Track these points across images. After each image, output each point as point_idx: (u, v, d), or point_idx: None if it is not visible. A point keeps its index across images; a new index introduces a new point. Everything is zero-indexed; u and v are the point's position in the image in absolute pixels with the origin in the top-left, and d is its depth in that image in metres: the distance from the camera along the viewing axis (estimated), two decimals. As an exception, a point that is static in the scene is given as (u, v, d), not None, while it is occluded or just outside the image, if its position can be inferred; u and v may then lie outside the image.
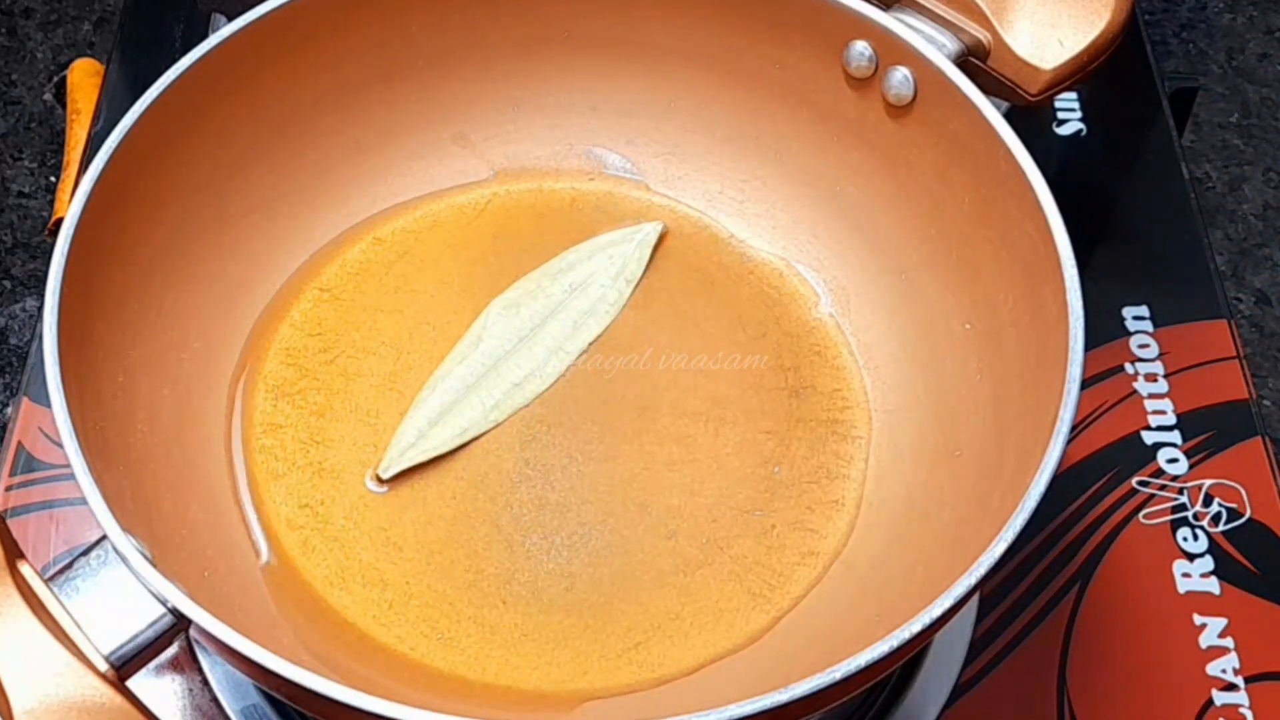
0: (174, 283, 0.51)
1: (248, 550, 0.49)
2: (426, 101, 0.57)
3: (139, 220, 0.49)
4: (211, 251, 0.53)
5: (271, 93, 0.53)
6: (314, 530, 0.50)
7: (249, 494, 0.51)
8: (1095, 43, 0.53)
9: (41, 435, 0.57)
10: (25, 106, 0.69)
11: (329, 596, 0.48)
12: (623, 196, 0.58)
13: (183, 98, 0.49)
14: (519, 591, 0.49)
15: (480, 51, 0.57)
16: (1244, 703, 0.51)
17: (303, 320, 0.55)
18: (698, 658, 0.47)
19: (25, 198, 0.66)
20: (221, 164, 0.53)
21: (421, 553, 0.49)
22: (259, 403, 0.53)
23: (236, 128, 0.53)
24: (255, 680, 0.41)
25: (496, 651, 0.47)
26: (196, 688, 0.52)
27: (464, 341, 0.54)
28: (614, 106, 0.58)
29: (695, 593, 0.49)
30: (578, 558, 0.49)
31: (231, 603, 0.45)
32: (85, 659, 0.39)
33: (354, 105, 0.56)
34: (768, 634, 0.48)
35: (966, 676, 0.52)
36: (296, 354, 0.54)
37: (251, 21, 0.51)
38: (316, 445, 0.52)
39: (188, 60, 0.50)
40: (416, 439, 0.51)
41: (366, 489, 0.51)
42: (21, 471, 0.56)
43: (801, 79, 0.54)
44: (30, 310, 0.62)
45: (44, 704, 0.38)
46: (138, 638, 0.40)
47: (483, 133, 0.58)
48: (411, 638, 0.48)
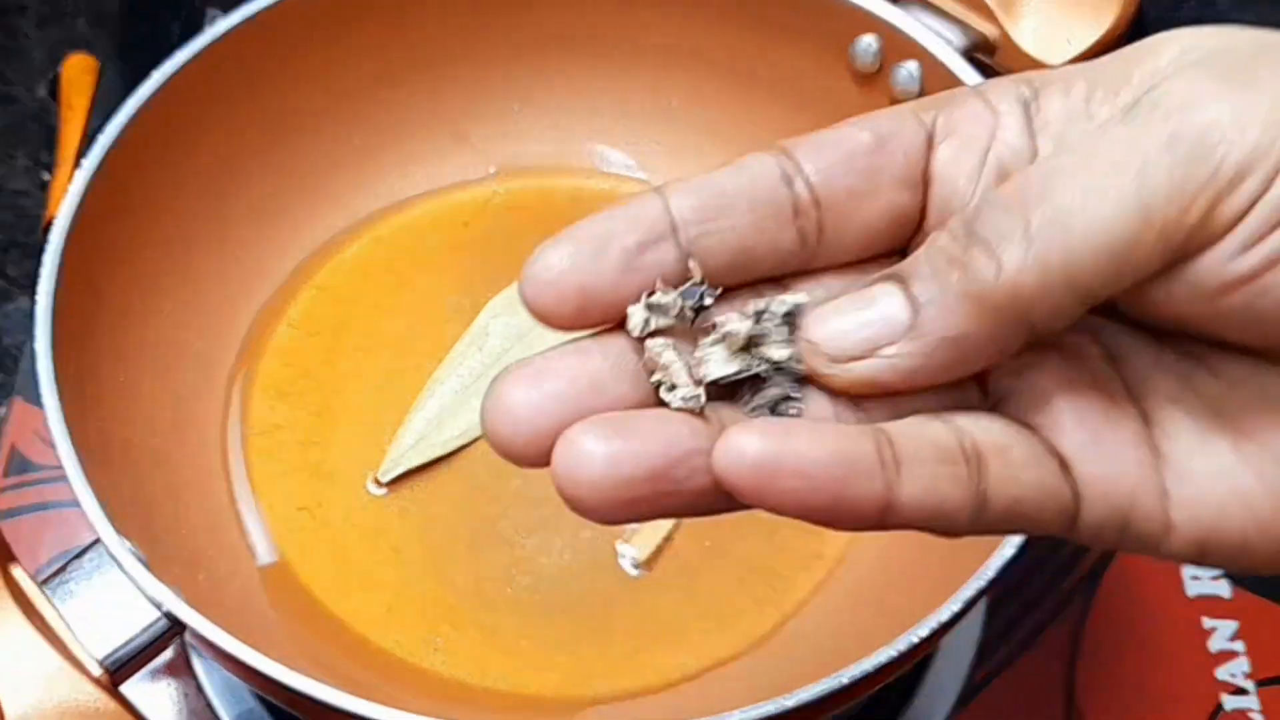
0: (170, 281, 0.51)
1: (244, 553, 0.49)
2: (427, 99, 0.56)
3: (135, 218, 0.49)
4: (208, 250, 0.52)
5: (269, 89, 0.53)
6: (312, 533, 0.49)
7: (246, 496, 0.50)
8: (1102, 39, 0.52)
9: (35, 436, 0.56)
10: (20, 103, 0.69)
11: (327, 600, 0.48)
12: (624, 195, 0.58)
13: (179, 94, 0.49)
14: (520, 595, 0.48)
15: (481, 50, 0.56)
16: (1254, 707, 0.51)
17: (301, 319, 0.54)
18: (701, 662, 0.47)
19: (19, 195, 0.66)
20: (219, 161, 0.52)
21: (421, 556, 0.49)
22: (256, 403, 0.52)
23: (234, 124, 0.52)
24: (251, 685, 0.41)
25: (497, 656, 0.47)
26: (191, 693, 0.51)
27: (464, 341, 0.53)
28: (615, 105, 0.58)
29: (699, 596, 0.48)
30: (579, 561, 0.49)
31: (227, 606, 0.45)
32: (78, 663, 0.39)
33: (354, 102, 0.55)
34: (772, 638, 0.47)
35: (975, 680, 0.51)
36: (295, 354, 0.53)
37: (248, 17, 0.50)
38: (315, 446, 0.51)
39: (183, 56, 0.49)
40: (416, 441, 0.51)
41: (365, 491, 0.50)
42: (14, 473, 0.56)
43: (805, 76, 0.54)
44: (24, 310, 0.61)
45: (36, 709, 0.38)
46: (132, 642, 0.40)
47: (483, 131, 0.57)
48: (411, 642, 0.47)
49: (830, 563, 0.49)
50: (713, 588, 0.48)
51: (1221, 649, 0.52)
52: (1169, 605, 0.53)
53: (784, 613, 0.48)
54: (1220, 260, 0.21)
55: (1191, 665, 0.52)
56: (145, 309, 0.49)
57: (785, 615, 0.48)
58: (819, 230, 0.23)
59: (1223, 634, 0.52)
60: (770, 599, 0.48)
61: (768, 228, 0.23)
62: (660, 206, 0.22)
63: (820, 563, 0.49)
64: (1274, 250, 0.20)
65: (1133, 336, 0.23)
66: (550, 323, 0.22)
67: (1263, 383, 0.22)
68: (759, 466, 0.21)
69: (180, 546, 0.46)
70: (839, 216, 0.23)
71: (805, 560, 0.49)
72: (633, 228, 0.22)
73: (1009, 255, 0.20)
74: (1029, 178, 0.21)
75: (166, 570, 0.40)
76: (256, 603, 0.48)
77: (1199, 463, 0.22)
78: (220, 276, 0.53)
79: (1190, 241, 0.21)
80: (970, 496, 0.22)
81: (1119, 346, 0.23)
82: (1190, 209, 0.20)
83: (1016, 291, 0.21)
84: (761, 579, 0.48)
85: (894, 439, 0.21)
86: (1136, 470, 0.22)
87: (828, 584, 0.49)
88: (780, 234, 0.23)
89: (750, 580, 0.48)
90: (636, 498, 0.21)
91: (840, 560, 0.49)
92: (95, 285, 0.47)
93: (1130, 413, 0.23)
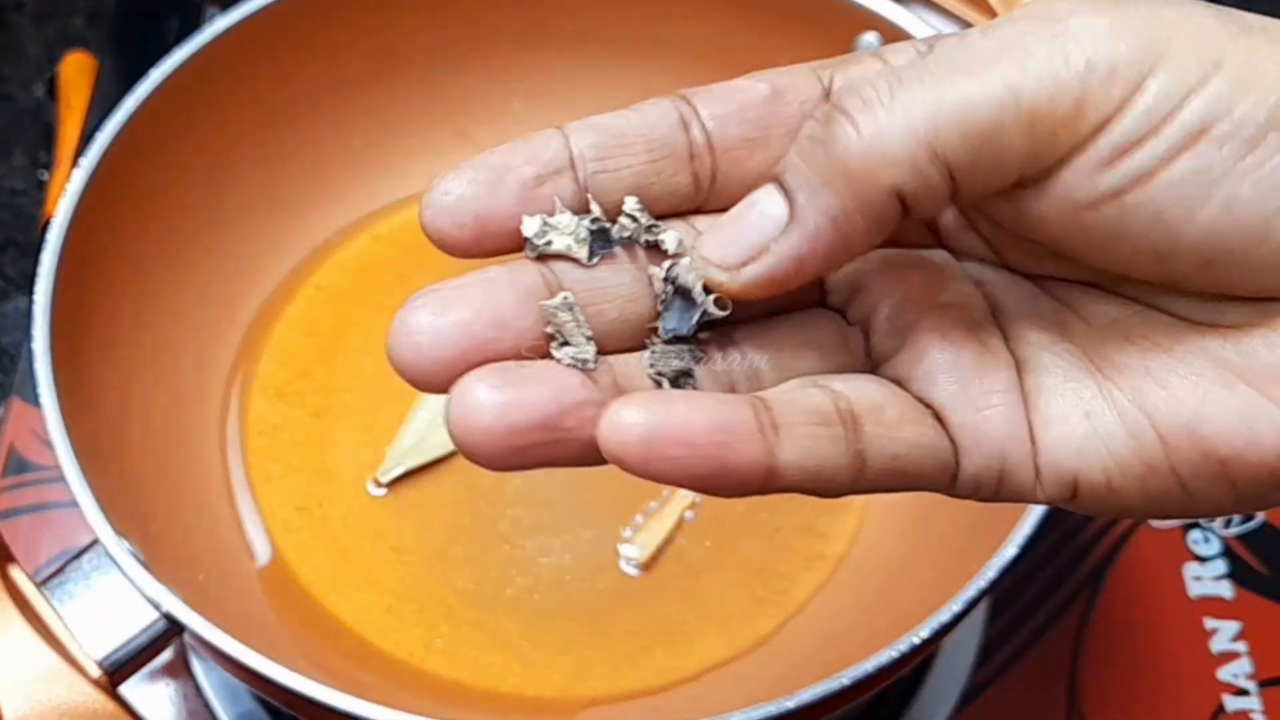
0: (168, 281, 0.51)
1: (243, 554, 0.49)
2: (427, 97, 0.56)
3: (133, 217, 0.49)
4: (207, 249, 0.52)
5: (267, 87, 0.53)
6: (311, 533, 0.49)
7: (245, 496, 0.50)
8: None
9: (33, 436, 0.56)
10: (17, 102, 0.68)
11: (326, 601, 0.48)
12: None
13: (177, 93, 0.49)
14: (520, 595, 0.48)
15: (481, 47, 0.56)
16: (1256, 708, 0.51)
17: (300, 319, 0.54)
18: (702, 663, 0.47)
19: (17, 194, 0.65)
20: (217, 160, 0.52)
21: (420, 557, 0.49)
22: (255, 403, 0.52)
23: (232, 123, 0.52)
24: (250, 686, 0.40)
25: (497, 657, 0.47)
26: (190, 693, 0.51)
27: (463, 341, 0.53)
28: (616, 102, 0.57)
29: (700, 597, 0.48)
30: (579, 562, 0.49)
31: (227, 607, 0.45)
32: (77, 664, 0.38)
33: (352, 101, 0.55)
34: (773, 639, 0.47)
35: (976, 681, 0.51)
36: (293, 353, 0.53)
37: (246, 15, 0.50)
38: (314, 447, 0.51)
39: (181, 55, 0.49)
40: (416, 441, 0.51)
41: (364, 492, 0.50)
42: (12, 473, 0.56)
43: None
44: (22, 309, 0.61)
45: (35, 709, 0.37)
46: (131, 643, 0.39)
47: (483, 129, 0.57)
48: (410, 643, 0.47)
49: (831, 563, 0.49)
50: (713, 588, 0.48)
51: (1223, 650, 0.52)
52: (1171, 606, 0.53)
53: (785, 613, 0.48)
54: (1087, 172, 0.21)
55: (1193, 666, 0.52)
56: (143, 308, 0.49)
57: (786, 616, 0.48)
58: (713, 174, 0.24)
59: (1225, 635, 0.52)
60: (771, 600, 0.48)
61: (664, 169, 0.24)
62: (560, 142, 0.23)
63: (822, 563, 0.49)
64: (1140, 167, 0.21)
65: (1014, 286, 0.24)
66: (447, 249, 0.23)
67: (1129, 324, 0.23)
68: (644, 438, 0.21)
69: (179, 547, 0.46)
70: (732, 162, 0.24)
71: (807, 561, 0.49)
72: (531, 160, 0.23)
73: (868, 119, 0.21)
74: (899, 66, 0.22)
75: (165, 571, 0.40)
76: (255, 603, 0.47)
77: (1062, 405, 0.23)
78: (219, 276, 0.53)
79: (1057, 139, 0.21)
80: (848, 457, 0.22)
81: (1000, 297, 0.24)
82: (1059, 99, 0.21)
83: (880, 152, 0.21)
84: (762, 580, 0.48)
85: (771, 405, 0.22)
86: (1005, 416, 0.23)
87: (829, 585, 0.48)
88: (676, 176, 0.24)
89: (751, 581, 0.48)
90: (527, 445, 0.21)
91: (841, 561, 0.49)
92: (93, 285, 0.46)
93: (1004, 361, 0.23)
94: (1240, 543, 0.54)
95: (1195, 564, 0.54)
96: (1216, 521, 0.55)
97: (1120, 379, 0.23)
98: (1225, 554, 0.54)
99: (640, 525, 0.49)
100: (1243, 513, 0.30)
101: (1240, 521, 0.55)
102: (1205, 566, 0.54)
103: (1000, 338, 0.24)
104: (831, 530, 0.49)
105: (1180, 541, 0.54)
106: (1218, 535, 0.55)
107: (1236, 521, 0.55)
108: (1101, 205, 0.21)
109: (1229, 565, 0.54)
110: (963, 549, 0.44)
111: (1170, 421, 0.22)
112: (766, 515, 0.50)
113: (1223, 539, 0.54)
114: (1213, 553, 0.54)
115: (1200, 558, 0.54)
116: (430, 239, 0.23)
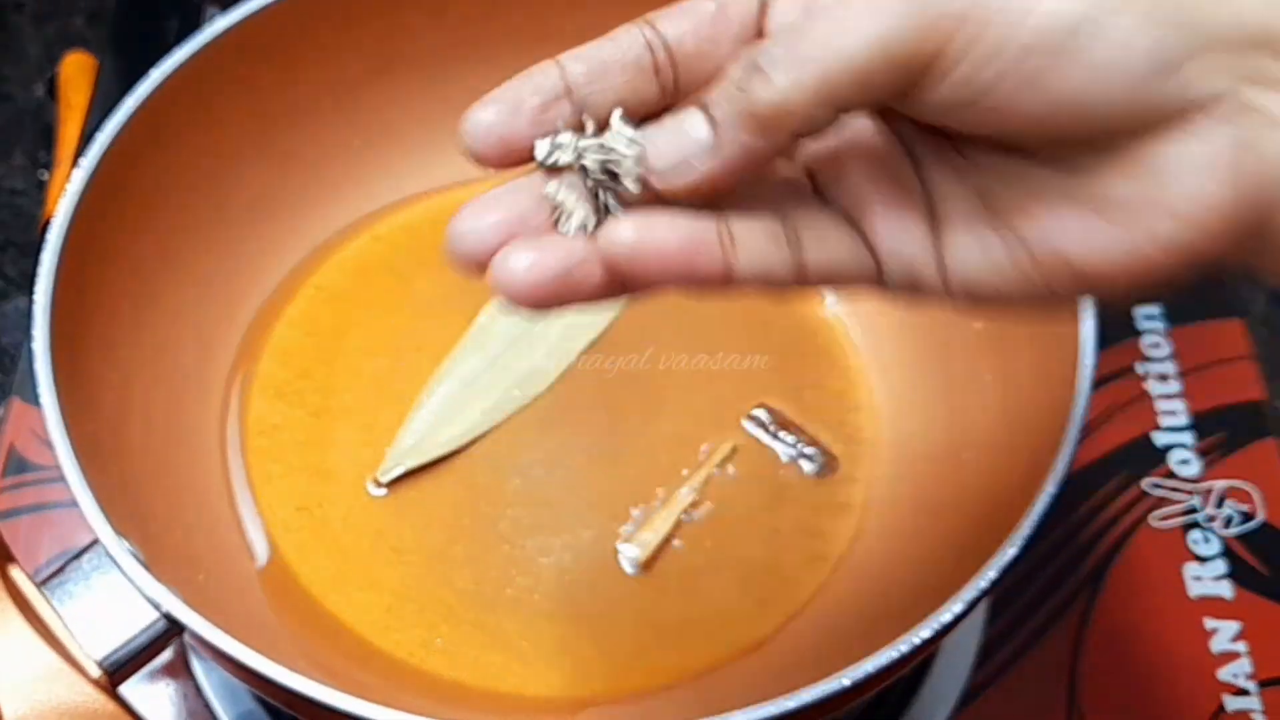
0: (168, 281, 0.51)
1: (243, 554, 0.49)
2: (427, 97, 0.56)
3: (133, 217, 0.49)
4: (207, 249, 0.52)
5: (268, 87, 0.53)
6: (311, 533, 0.49)
7: (245, 496, 0.50)
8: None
9: (33, 436, 0.56)
10: (17, 102, 0.68)
11: (326, 601, 0.48)
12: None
13: (177, 93, 0.49)
14: (519, 595, 0.48)
15: (481, 47, 0.56)
16: (1257, 708, 0.51)
17: (300, 319, 0.54)
18: (702, 663, 0.47)
19: (17, 194, 0.65)
20: (217, 160, 0.52)
21: (420, 557, 0.49)
22: (255, 403, 0.52)
23: (232, 123, 0.52)
24: (251, 686, 0.40)
25: (497, 657, 0.47)
26: (190, 694, 0.51)
27: (463, 341, 0.53)
28: (616, 103, 0.58)
29: (699, 597, 0.48)
30: (579, 562, 0.49)
31: (227, 607, 0.45)
32: (77, 664, 0.38)
33: (353, 100, 0.55)
34: (773, 639, 0.47)
35: (976, 681, 0.51)
36: (293, 353, 0.53)
37: (246, 15, 0.50)
38: (314, 447, 0.51)
39: (182, 55, 0.49)
40: (416, 441, 0.51)
41: (364, 491, 0.50)
42: (12, 473, 0.56)
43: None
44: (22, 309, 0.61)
45: (34, 710, 0.37)
46: (131, 643, 0.39)
47: (483, 128, 0.57)
48: (410, 643, 0.47)
49: (832, 563, 0.49)
50: (713, 588, 0.48)
51: (1223, 650, 0.52)
52: (1171, 606, 0.53)
53: (785, 614, 0.48)
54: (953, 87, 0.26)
55: (1193, 666, 0.52)
56: (144, 308, 0.49)
57: (786, 616, 0.48)
58: (675, 82, 0.30)
59: (1225, 635, 0.52)
60: (771, 600, 0.48)
61: (638, 85, 0.30)
62: (557, 73, 0.30)
63: (822, 563, 0.49)
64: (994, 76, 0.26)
65: (929, 141, 0.29)
66: (485, 163, 0.30)
67: (1027, 177, 0.28)
68: (632, 245, 0.28)
69: (179, 547, 0.46)
70: (689, 70, 0.30)
71: (807, 561, 0.49)
72: (537, 91, 0.29)
73: (779, 80, 0.27)
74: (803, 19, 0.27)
75: (165, 571, 0.40)
76: (255, 603, 0.47)
77: (964, 239, 0.29)
78: (219, 275, 0.53)
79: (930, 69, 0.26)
80: (791, 263, 0.29)
81: (917, 149, 0.30)
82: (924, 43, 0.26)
83: (787, 108, 0.27)
84: (763, 580, 0.48)
85: (732, 225, 0.29)
86: (919, 243, 0.29)
87: (829, 585, 0.48)
88: (646, 87, 0.30)
89: (751, 581, 0.48)
90: (550, 291, 0.29)
91: (842, 561, 0.49)
92: (93, 284, 0.46)
93: (919, 199, 0.29)
94: (1240, 543, 0.54)
95: (1195, 564, 0.54)
96: (1217, 522, 0.55)
97: (1012, 221, 0.28)
98: (1225, 554, 0.54)
99: (640, 525, 0.49)
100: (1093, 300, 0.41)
101: (1240, 522, 0.55)
102: (1205, 566, 0.54)
103: (916, 179, 0.30)
104: (831, 530, 0.49)
105: (1180, 541, 0.54)
106: (1218, 535, 0.55)
107: (1236, 522, 0.55)
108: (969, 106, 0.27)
109: (1229, 565, 0.54)
110: (963, 549, 0.44)
111: (1042, 247, 0.28)
112: (766, 515, 0.50)
113: (1223, 539, 0.54)
114: (1213, 553, 0.54)
115: (1200, 558, 0.54)
116: (473, 158, 0.30)
